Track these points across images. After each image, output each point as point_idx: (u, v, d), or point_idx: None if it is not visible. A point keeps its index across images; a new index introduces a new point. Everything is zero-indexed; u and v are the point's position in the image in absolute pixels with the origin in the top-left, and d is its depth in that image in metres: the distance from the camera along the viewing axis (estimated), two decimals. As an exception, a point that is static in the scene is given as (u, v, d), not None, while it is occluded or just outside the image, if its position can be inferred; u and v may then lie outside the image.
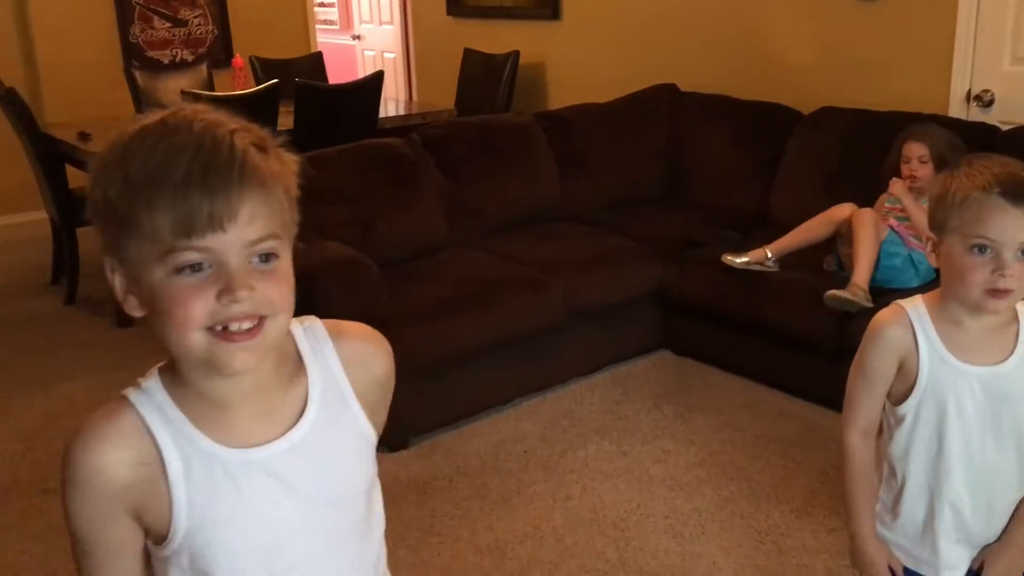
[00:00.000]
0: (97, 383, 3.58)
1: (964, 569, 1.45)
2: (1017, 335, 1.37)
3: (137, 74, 5.28)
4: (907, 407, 1.39)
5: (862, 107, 3.68)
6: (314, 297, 2.86)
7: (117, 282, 0.90)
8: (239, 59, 5.34)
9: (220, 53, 6.23)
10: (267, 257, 0.87)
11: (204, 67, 5.55)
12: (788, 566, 2.38)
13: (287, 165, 0.90)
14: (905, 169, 3.14)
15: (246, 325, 0.86)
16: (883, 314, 1.42)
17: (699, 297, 3.49)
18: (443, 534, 2.56)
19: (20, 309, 4.40)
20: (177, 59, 6.16)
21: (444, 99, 5.63)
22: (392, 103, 5.71)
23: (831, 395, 3.11)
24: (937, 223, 1.35)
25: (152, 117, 0.87)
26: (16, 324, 4.22)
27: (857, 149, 3.58)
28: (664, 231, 3.74)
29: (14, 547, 2.56)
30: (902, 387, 1.40)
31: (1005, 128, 3.31)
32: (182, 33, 6.21)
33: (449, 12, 5.94)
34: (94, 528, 0.91)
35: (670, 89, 4.41)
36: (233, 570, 0.93)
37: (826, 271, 3.24)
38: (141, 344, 3.95)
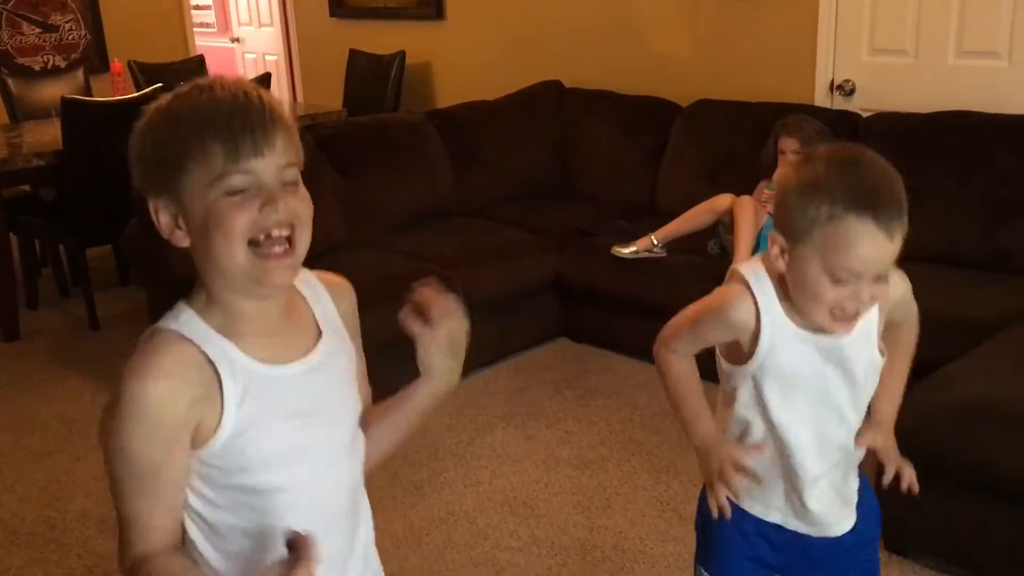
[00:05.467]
0: (-14, 400, 3.47)
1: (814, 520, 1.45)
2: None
3: (9, 81, 5.09)
4: (750, 369, 1.35)
5: (736, 99, 3.90)
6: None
7: (163, 220, 1.04)
8: (117, 64, 5.22)
9: (95, 59, 6.04)
10: (291, 181, 1.04)
11: (80, 73, 5.39)
12: (687, 531, 2.51)
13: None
14: (782, 160, 3.36)
15: (285, 232, 1.02)
16: (729, 296, 1.36)
17: (593, 285, 3.63)
18: (359, 525, 2.61)
19: None
20: (49, 65, 5.94)
21: (332, 100, 5.63)
22: (278, 106, 5.67)
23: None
24: (793, 230, 1.23)
25: (179, 89, 1.04)
26: None
27: (734, 139, 3.79)
28: (558, 223, 3.86)
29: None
30: (744, 351, 1.36)
31: (866, 115, 3.56)
32: (53, 39, 6.00)
33: (332, 13, 5.93)
34: (157, 458, 1.01)
35: (555, 85, 4.55)
36: (262, 468, 1.06)
37: (710, 254, 3.43)
38: (30, 358, 3.85)
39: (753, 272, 1.34)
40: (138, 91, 4.71)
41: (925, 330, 1.50)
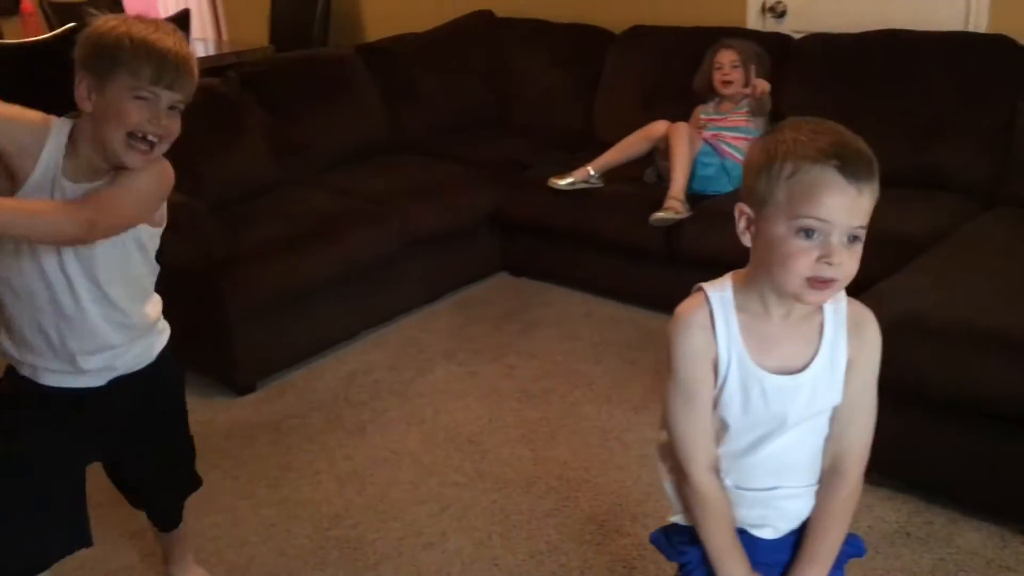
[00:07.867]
0: None
1: None
2: (821, 329, 1.25)
3: (-89, 25, 4.82)
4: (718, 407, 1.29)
5: (670, 24, 3.85)
6: (144, 246, 2.77)
7: (81, 88, 1.49)
8: (28, 3, 4.98)
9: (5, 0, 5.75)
10: (175, 108, 1.55)
11: (-11, 14, 5.14)
12: (631, 457, 2.56)
13: None
14: (719, 75, 3.33)
15: (154, 138, 1.50)
16: (686, 311, 1.26)
17: (532, 217, 3.60)
18: (301, 468, 2.59)
19: None
20: (-45, 7, 5.64)
21: (257, 37, 5.45)
22: (200, 43, 5.48)
23: (659, 297, 3.31)
24: (756, 195, 1.16)
25: (138, 22, 1.49)
26: None
27: (669, 65, 3.75)
28: (494, 156, 3.81)
29: None
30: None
31: (797, 36, 3.54)
32: (-44, -20, 5.68)
33: (254, -55, 5.70)
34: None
35: (486, 15, 4.45)
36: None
37: (647, 183, 3.42)
38: None
39: (715, 285, 1.28)
40: (51, 31, 4.49)
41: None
